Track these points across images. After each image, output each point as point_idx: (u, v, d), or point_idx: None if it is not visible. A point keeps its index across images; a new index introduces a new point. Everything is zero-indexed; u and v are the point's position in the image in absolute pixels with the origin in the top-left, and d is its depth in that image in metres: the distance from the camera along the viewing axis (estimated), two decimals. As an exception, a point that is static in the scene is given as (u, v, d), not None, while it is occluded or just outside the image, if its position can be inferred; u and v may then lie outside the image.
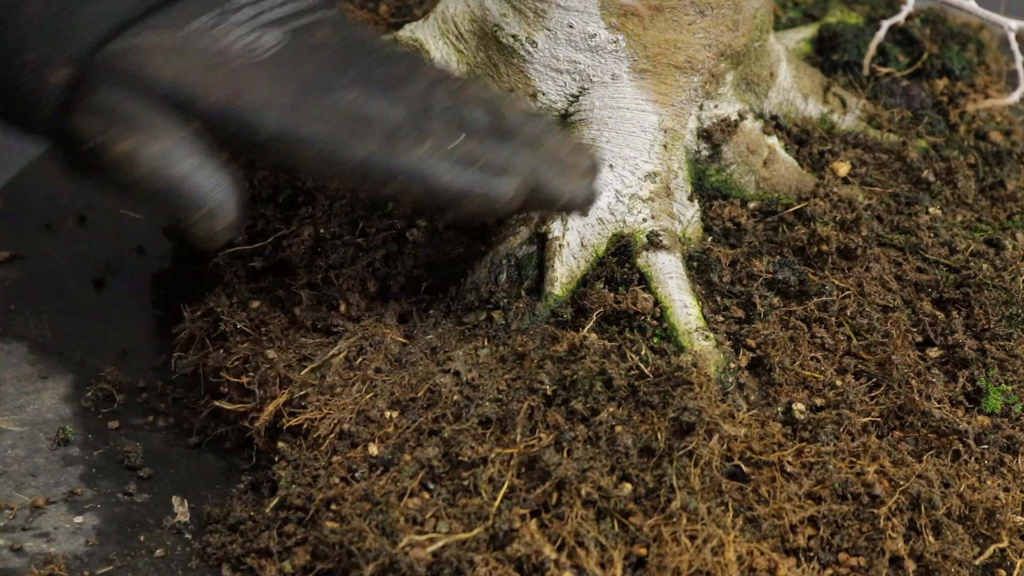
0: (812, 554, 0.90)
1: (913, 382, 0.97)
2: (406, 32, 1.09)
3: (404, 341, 0.97)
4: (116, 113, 0.90)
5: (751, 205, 1.07)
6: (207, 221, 0.88)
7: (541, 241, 1.00)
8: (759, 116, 1.09)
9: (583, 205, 0.93)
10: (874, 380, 0.98)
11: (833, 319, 1.00)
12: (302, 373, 0.96)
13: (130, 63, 0.90)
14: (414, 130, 0.91)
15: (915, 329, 1.01)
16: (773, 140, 1.09)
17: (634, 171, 1.03)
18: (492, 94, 0.96)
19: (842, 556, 0.90)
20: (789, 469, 0.92)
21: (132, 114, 0.90)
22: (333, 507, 0.91)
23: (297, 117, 0.90)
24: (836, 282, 1.01)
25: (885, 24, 1.14)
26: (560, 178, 0.91)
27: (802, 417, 0.95)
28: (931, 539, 0.91)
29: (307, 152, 0.90)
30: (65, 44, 0.91)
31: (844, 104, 1.14)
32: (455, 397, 0.94)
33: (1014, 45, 1.06)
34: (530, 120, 0.94)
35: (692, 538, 0.87)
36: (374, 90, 0.92)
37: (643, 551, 0.88)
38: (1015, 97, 1.07)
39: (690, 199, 1.05)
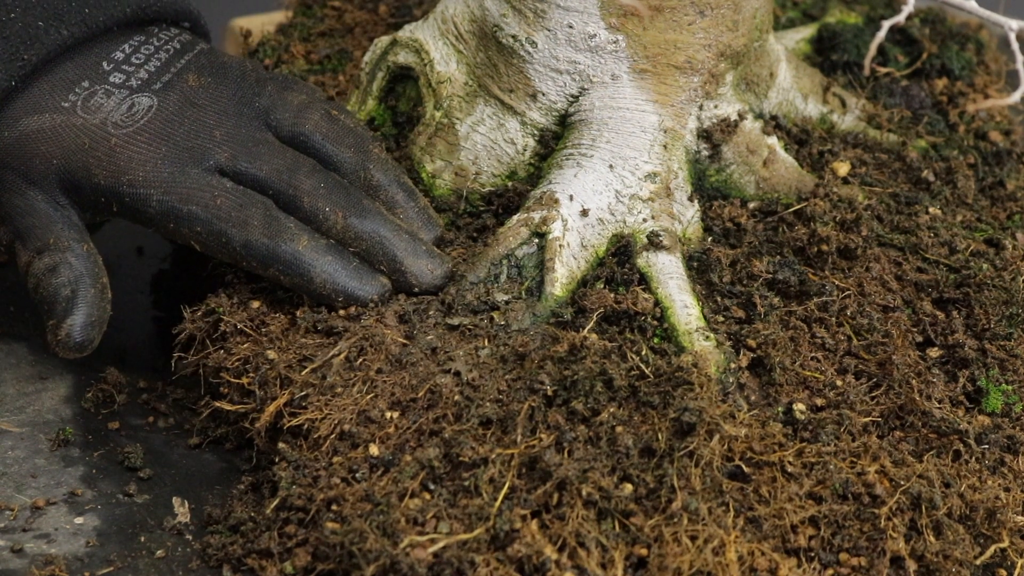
0: (813, 554, 0.90)
1: (913, 382, 0.97)
2: (406, 32, 1.09)
3: (404, 341, 0.97)
4: (15, 222, 1.00)
5: (751, 205, 1.07)
6: (64, 336, 0.98)
7: (541, 241, 1.00)
8: (759, 116, 1.09)
9: (435, 289, 1.00)
10: (875, 380, 0.98)
11: (833, 319, 1.00)
12: (302, 373, 0.96)
13: (21, 158, 0.99)
14: (289, 202, 0.99)
15: (915, 329, 1.01)
16: (773, 140, 1.09)
17: (634, 171, 1.03)
18: (357, 126, 1.04)
19: (843, 556, 0.90)
20: (790, 469, 0.92)
21: (28, 226, 1.00)
22: (334, 508, 0.90)
23: (176, 196, 0.98)
24: (836, 282, 1.01)
25: (885, 24, 1.14)
26: (415, 264, 0.99)
27: (803, 417, 0.95)
28: (932, 539, 0.91)
29: (190, 232, 0.99)
30: None
31: (844, 104, 1.14)
32: (456, 397, 0.94)
33: (1014, 45, 1.06)
34: (390, 168, 1.03)
35: (693, 538, 0.87)
36: (244, 151, 1.00)
37: (644, 551, 0.88)
38: (1015, 97, 1.07)
39: (690, 199, 1.05)
